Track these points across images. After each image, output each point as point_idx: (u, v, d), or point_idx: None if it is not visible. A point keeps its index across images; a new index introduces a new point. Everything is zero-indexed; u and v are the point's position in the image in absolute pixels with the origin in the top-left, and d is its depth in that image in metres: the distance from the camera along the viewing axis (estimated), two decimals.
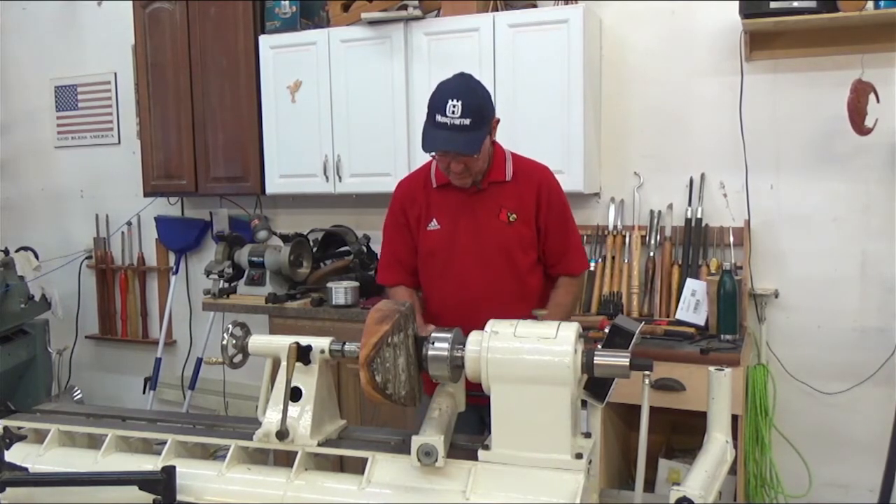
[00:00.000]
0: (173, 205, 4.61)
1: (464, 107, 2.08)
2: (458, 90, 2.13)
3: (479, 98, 2.17)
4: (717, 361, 2.73)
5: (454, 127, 2.09)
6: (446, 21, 3.47)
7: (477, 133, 2.12)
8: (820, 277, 3.25)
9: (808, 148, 3.24)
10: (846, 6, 2.91)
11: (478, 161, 2.18)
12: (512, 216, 2.26)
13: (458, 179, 2.23)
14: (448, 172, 2.22)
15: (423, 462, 1.53)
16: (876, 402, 3.12)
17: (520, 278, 2.29)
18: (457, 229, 2.28)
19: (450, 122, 2.09)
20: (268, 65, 3.84)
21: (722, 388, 1.66)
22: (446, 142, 2.11)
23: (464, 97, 2.10)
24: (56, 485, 1.66)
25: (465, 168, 2.18)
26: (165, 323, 4.57)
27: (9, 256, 4.30)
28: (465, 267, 2.27)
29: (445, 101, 2.10)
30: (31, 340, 4.32)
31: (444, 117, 2.10)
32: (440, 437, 1.54)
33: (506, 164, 2.31)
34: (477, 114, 2.11)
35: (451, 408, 1.70)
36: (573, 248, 2.37)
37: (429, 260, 2.34)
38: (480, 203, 2.28)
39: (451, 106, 2.09)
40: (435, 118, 2.12)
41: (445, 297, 2.29)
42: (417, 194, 2.35)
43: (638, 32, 3.47)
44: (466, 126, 2.09)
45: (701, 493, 1.46)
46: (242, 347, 1.73)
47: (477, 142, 2.12)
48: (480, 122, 2.13)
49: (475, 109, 2.11)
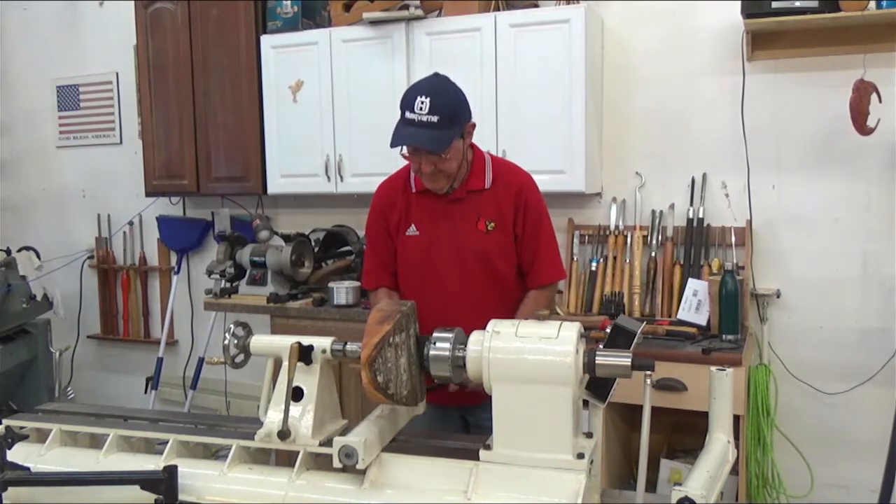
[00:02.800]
0: (175, 205, 4.61)
1: (432, 104, 2.05)
2: (428, 88, 2.10)
3: (450, 97, 2.12)
4: (718, 361, 2.73)
5: (421, 123, 2.05)
6: (448, 21, 3.47)
7: (445, 132, 2.07)
8: (821, 277, 3.25)
9: (809, 148, 3.24)
10: (848, 6, 2.91)
11: (448, 162, 2.13)
12: (490, 224, 2.22)
13: (431, 182, 2.18)
14: (420, 174, 2.19)
15: (345, 463, 1.54)
16: (877, 402, 3.12)
17: (500, 285, 2.26)
18: (436, 236, 2.25)
19: (417, 118, 2.05)
20: (269, 65, 3.84)
21: (723, 389, 1.66)
22: (412, 138, 2.08)
23: (433, 95, 2.07)
24: (58, 484, 1.66)
25: (436, 169, 2.13)
26: (167, 323, 4.57)
27: (11, 256, 4.31)
28: (444, 274, 2.24)
29: (414, 97, 2.07)
30: (33, 340, 4.32)
31: (412, 114, 2.06)
32: (362, 438, 1.54)
33: (485, 171, 2.26)
34: (446, 112, 2.07)
35: (400, 409, 1.71)
36: (545, 256, 2.29)
37: (408, 266, 2.31)
38: (459, 211, 2.24)
39: (420, 102, 2.05)
40: (404, 115, 2.09)
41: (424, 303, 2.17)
42: (397, 198, 2.31)
43: (639, 32, 3.47)
44: (434, 123, 2.05)
45: (702, 494, 1.46)
46: (244, 347, 1.73)
47: (444, 140, 2.07)
48: (450, 121, 2.08)
49: (444, 108, 2.07)
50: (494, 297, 2.24)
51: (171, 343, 4.64)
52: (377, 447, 1.61)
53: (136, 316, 4.83)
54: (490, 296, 2.23)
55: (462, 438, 1.73)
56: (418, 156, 2.12)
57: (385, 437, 1.65)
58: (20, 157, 5.12)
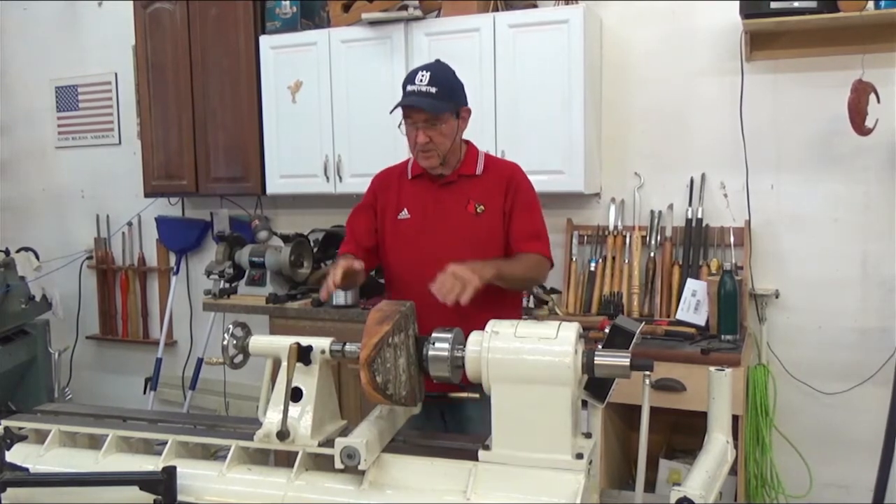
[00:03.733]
0: (174, 205, 4.61)
1: (432, 77, 2.18)
2: (429, 67, 2.25)
3: (449, 76, 2.25)
4: (717, 361, 2.73)
5: (420, 93, 2.17)
6: (447, 21, 3.47)
7: (441, 102, 2.18)
8: (820, 278, 3.25)
9: (808, 148, 3.24)
10: (847, 6, 2.91)
11: (442, 137, 2.21)
12: (480, 207, 2.28)
13: (424, 158, 2.25)
14: (415, 149, 2.26)
15: (347, 464, 1.54)
16: (876, 402, 3.11)
17: None
18: (425, 219, 2.31)
19: (417, 89, 2.18)
20: (268, 65, 3.84)
21: (722, 389, 1.66)
22: (408, 101, 2.19)
23: (433, 71, 2.21)
24: (57, 485, 1.66)
25: (431, 142, 2.21)
26: (166, 323, 4.57)
27: (9, 257, 4.30)
28: (432, 256, 2.23)
29: (416, 73, 2.21)
30: (32, 341, 4.32)
31: (412, 86, 2.19)
32: (364, 439, 1.55)
33: (477, 161, 2.35)
34: (444, 87, 2.19)
35: (398, 410, 1.71)
36: (536, 233, 2.33)
37: (399, 248, 2.35)
38: (450, 194, 2.31)
39: (421, 76, 2.19)
40: (405, 89, 2.22)
41: (412, 284, 2.24)
42: (392, 182, 2.41)
43: (638, 32, 3.47)
44: (432, 94, 2.17)
45: (701, 494, 1.46)
46: (243, 348, 1.73)
47: (440, 108, 2.18)
48: (448, 95, 2.20)
49: (443, 82, 2.20)
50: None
51: (170, 343, 4.64)
52: (378, 448, 1.61)
53: (135, 316, 4.83)
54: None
55: (461, 438, 1.73)
56: (414, 125, 2.21)
57: (385, 437, 1.66)
58: (19, 158, 5.11)
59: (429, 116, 2.19)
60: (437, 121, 2.20)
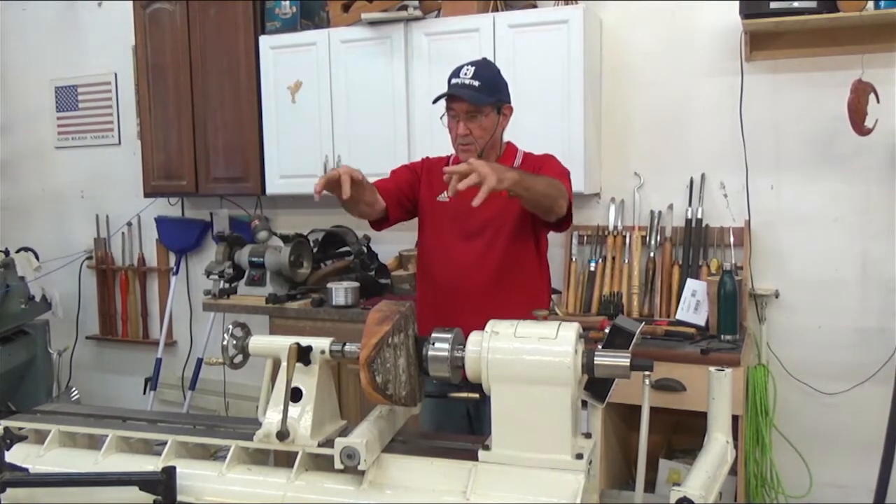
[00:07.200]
0: (173, 205, 4.61)
1: (476, 72, 2.24)
2: (475, 62, 2.30)
3: (494, 73, 2.31)
4: (717, 362, 2.73)
5: (463, 85, 2.23)
6: (446, 21, 3.47)
7: (484, 95, 2.22)
8: (820, 278, 3.25)
9: (808, 148, 3.24)
10: (846, 6, 2.91)
11: (482, 130, 2.25)
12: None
13: (463, 152, 2.29)
14: (456, 142, 2.31)
15: (347, 464, 1.54)
16: (877, 402, 3.11)
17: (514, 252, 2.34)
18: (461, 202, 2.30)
19: (460, 82, 2.24)
20: (268, 65, 3.84)
21: (722, 389, 1.65)
22: (452, 90, 2.23)
23: (479, 66, 2.27)
24: (56, 485, 1.66)
25: (470, 135, 2.25)
26: (166, 323, 4.57)
27: (9, 257, 4.31)
28: (467, 237, 2.34)
29: (461, 68, 2.27)
30: (32, 341, 4.32)
31: (456, 79, 2.25)
32: (364, 439, 1.55)
33: (515, 157, 2.40)
34: (488, 81, 2.24)
35: (398, 410, 1.71)
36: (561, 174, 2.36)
37: (437, 229, 2.41)
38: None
39: (465, 70, 2.25)
40: (450, 82, 2.27)
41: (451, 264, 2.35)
42: (438, 166, 2.44)
43: (638, 33, 3.47)
44: (475, 87, 2.22)
45: (701, 494, 1.46)
46: (243, 348, 1.73)
47: (482, 100, 2.22)
48: (490, 90, 2.24)
49: (487, 78, 2.25)
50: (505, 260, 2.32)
51: (170, 344, 4.64)
52: (378, 448, 1.61)
53: (135, 316, 4.83)
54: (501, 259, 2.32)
55: (460, 438, 1.73)
56: (455, 117, 2.26)
57: (385, 437, 1.66)
58: (19, 158, 5.11)
59: (470, 108, 2.23)
60: (478, 113, 2.24)
